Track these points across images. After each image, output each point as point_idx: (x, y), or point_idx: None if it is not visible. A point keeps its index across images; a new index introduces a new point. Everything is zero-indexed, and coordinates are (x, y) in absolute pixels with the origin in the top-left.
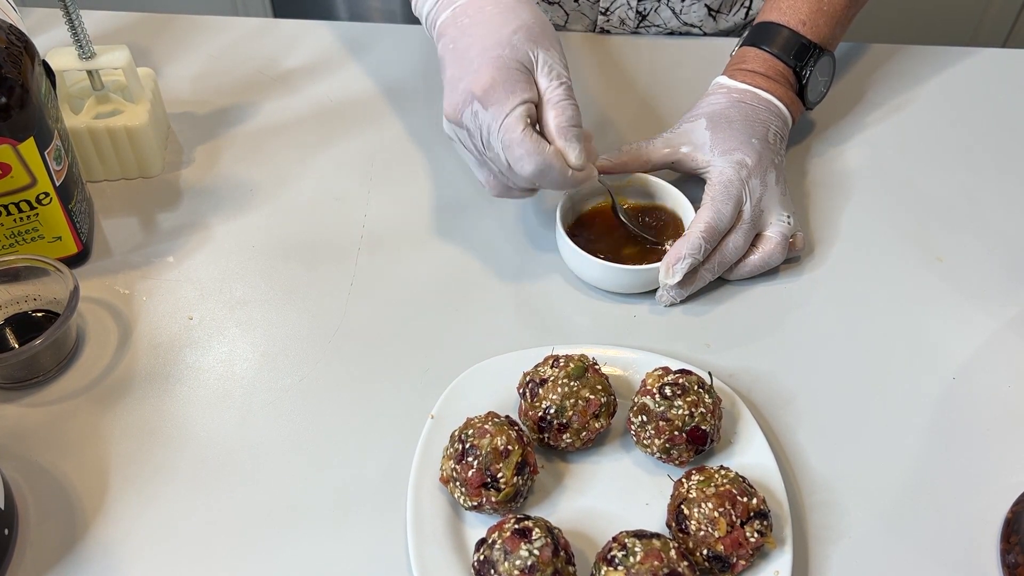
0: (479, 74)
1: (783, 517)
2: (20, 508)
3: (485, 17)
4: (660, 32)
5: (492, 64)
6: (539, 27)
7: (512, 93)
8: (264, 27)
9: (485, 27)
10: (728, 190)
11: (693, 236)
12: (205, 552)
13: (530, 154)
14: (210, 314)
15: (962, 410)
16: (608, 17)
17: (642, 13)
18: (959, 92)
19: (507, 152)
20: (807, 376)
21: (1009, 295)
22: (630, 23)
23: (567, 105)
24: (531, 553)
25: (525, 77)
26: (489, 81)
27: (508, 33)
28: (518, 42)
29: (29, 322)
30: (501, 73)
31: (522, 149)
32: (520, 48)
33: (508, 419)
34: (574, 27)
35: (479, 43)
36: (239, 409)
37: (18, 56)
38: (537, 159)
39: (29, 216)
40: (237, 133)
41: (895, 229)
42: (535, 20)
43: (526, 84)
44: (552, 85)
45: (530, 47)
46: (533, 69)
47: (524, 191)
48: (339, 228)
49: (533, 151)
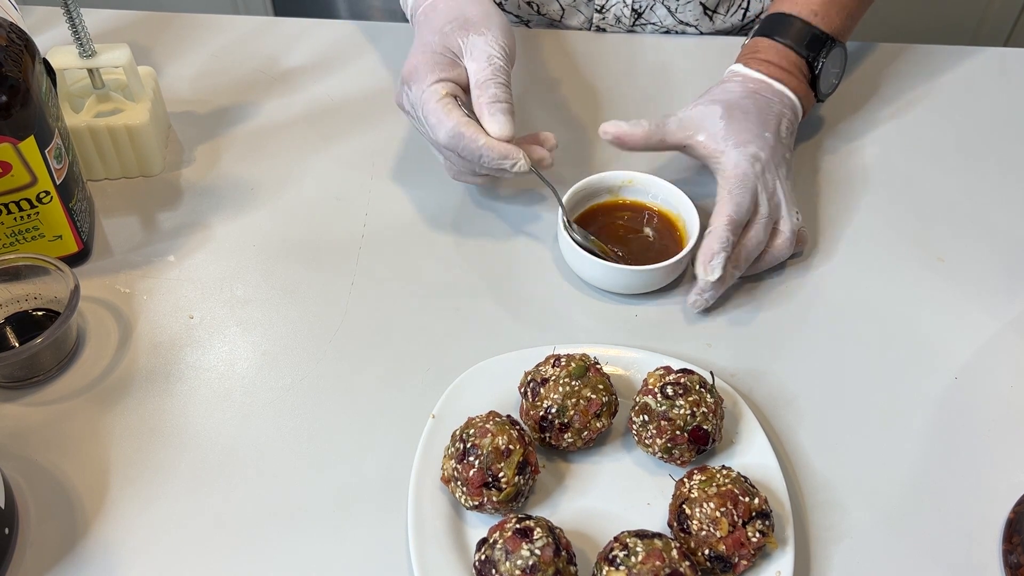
0: (408, 61)
1: (785, 517)
2: (20, 508)
3: (435, 13)
4: (656, 30)
5: (419, 51)
6: (480, 17)
7: (431, 72)
8: (265, 26)
9: (430, 23)
10: (744, 183)
11: (719, 230)
12: (205, 552)
13: (440, 121)
14: (211, 313)
15: (964, 410)
16: (604, 15)
17: (638, 11)
18: (960, 91)
19: (427, 122)
20: (809, 376)
21: (1011, 295)
22: (626, 20)
23: (490, 84)
24: (532, 553)
25: (447, 60)
26: (414, 65)
27: (441, 24)
28: (449, 31)
29: (29, 321)
30: (424, 57)
31: (435, 117)
32: (449, 36)
33: (509, 419)
34: (570, 23)
35: (419, 36)
36: (240, 408)
37: (19, 55)
38: (448, 125)
39: (30, 215)
40: (238, 132)
41: (896, 229)
42: (478, 12)
43: (447, 65)
44: (480, 66)
45: (460, 35)
46: (460, 54)
47: (476, 176)
48: (340, 227)
49: (444, 118)
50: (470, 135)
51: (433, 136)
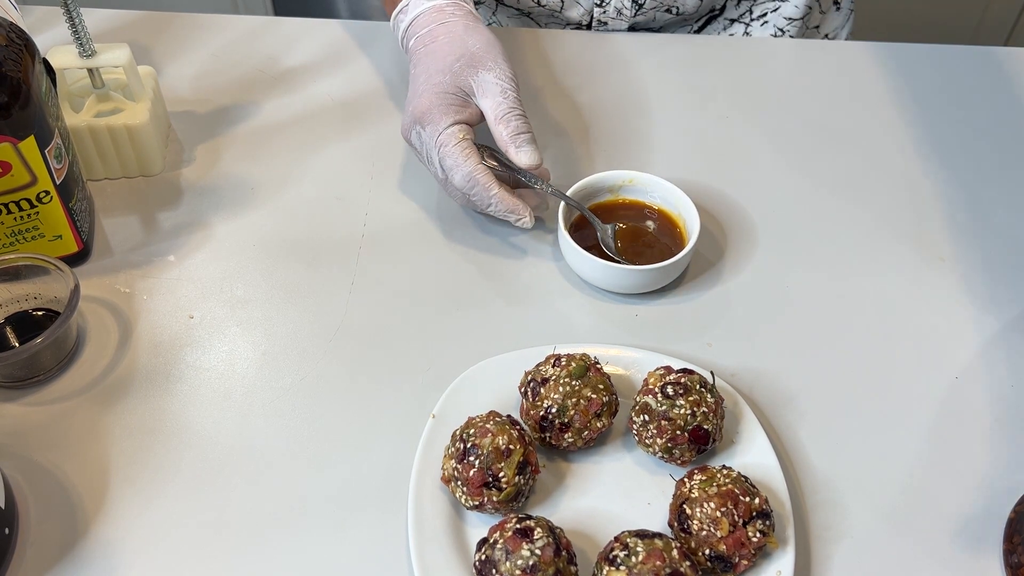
0: (420, 99)
1: (785, 517)
2: (20, 507)
3: (437, 46)
4: (658, 8)
5: (431, 91)
6: (484, 51)
7: (445, 115)
8: (265, 25)
9: (433, 56)
10: None
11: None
12: (205, 552)
13: (458, 165)
14: (211, 313)
15: (965, 410)
16: (604, 8)
17: (638, 2)
18: (960, 91)
19: (443, 164)
20: (809, 375)
21: (1012, 294)
22: (627, 12)
23: (510, 117)
24: (533, 553)
25: (460, 101)
26: (427, 105)
27: (451, 62)
28: (458, 69)
29: (30, 321)
30: (438, 98)
31: (452, 160)
32: (460, 75)
33: (510, 418)
34: (570, 14)
35: (425, 71)
36: (240, 408)
37: (18, 54)
38: (465, 170)
39: (30, 215)
40: (238, 132)
41: (897, 229)
42: (480, 45)
43: (460, 107)
44: (496, 102)
45: (470, 73)
46: (472, 93)
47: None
48: (340, 227)
49: (462, 163)
50: (484, 183)
51: (449, 177)
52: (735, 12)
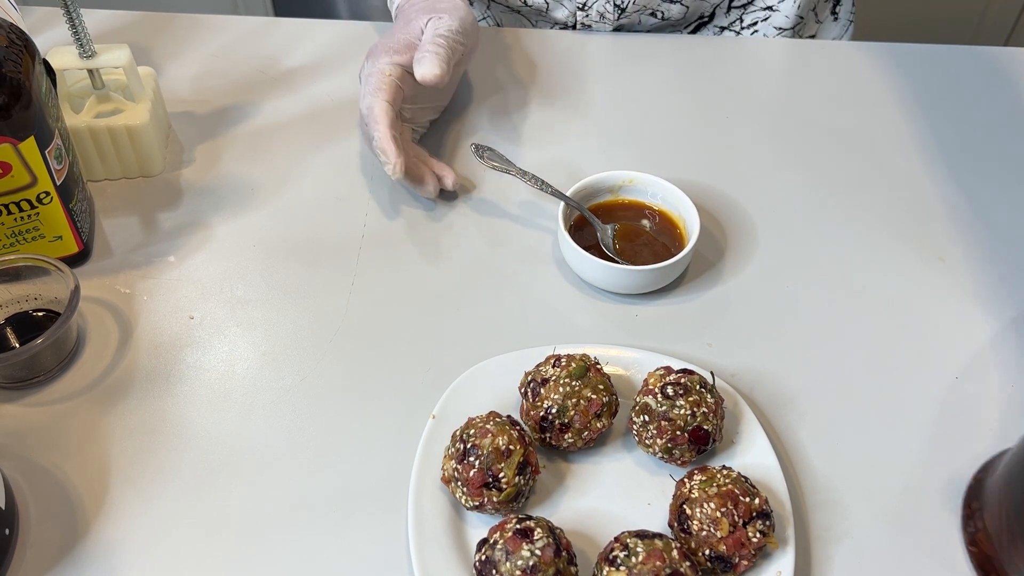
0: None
1: (785, 517)
2: (20, 508)
3: (410, 7)
4: (642, 12)
5: (386, 35)
6: (446, 7)
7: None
8: (265, 26)
9: (404, 14)
10: None
11: None
12: (205, 552)
13: (366, 94)
14: (211, 314)
15: (965, 410)
16: (587, 12)
17: (620, 6)
18: (960, 91)
19: (361, 91)
20: (809, 376)
21: (1012, 294)
22: (610, 16)
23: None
24: (533, 553)
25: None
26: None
27: (413, 14)
28: (413, 16)
29: (30, 322)
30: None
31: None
32: (413, 21)
33: (510, 419)
34: (555, 15)
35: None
36: (240, 409)
37: (18, 55)
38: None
39: (30, 215)
40: (238, 132)
41: (896, 229)
42: (448, 4)
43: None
44: (427, 36)
45: (421, 20)
46: (418, 37)
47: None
48: (340, 227)
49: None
50: (376, 116)
51: (360, 103)
52: (725, 20)
